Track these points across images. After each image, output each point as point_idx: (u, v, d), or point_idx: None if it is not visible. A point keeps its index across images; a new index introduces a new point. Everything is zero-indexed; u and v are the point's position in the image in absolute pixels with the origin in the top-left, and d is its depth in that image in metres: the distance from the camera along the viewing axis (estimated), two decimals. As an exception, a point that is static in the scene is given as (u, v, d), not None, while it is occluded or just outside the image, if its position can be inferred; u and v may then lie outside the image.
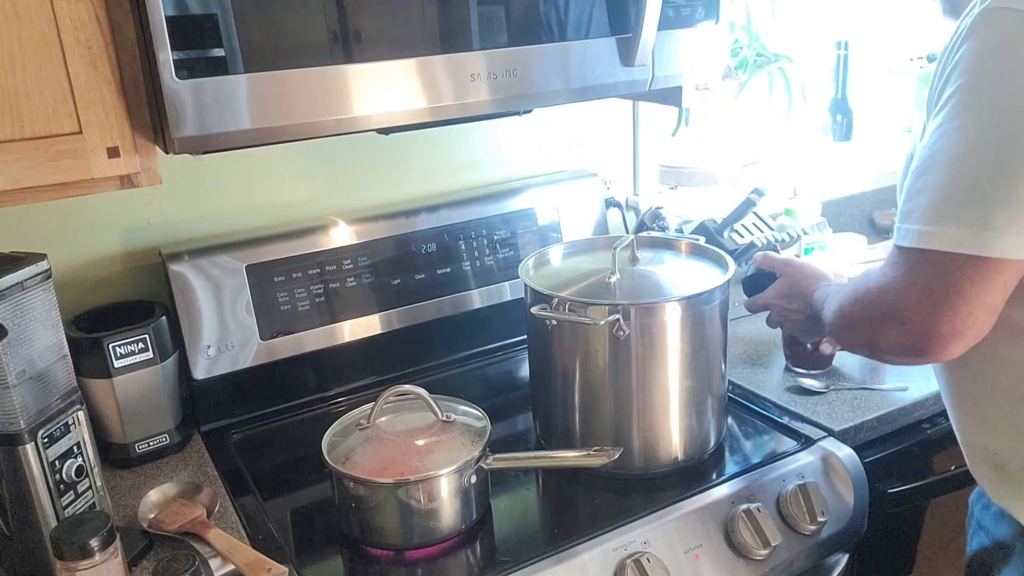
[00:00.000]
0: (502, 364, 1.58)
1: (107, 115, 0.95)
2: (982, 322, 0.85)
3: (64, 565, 0.88)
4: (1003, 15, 0.83)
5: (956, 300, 0.84)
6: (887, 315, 0.90)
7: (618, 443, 1.17)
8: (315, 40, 0.99)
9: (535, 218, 1.59)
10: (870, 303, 0.92)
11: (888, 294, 0.89)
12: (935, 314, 0.85)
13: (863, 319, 0.94)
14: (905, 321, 0.87)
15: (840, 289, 1.06)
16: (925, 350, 0.88)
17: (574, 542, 1.07)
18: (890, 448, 1.32)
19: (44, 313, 0.99)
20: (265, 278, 1.38)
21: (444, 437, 1.11)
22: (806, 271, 1.24)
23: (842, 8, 2.03)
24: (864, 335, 0.96)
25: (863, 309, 0.94)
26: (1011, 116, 0.82)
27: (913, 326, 0.87)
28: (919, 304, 0.86)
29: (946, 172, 0.84)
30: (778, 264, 1.29)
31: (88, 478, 1.05)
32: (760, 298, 1.32)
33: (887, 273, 0.90)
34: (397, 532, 1.08)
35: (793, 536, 1.16)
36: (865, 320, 0.94)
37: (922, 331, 0.86)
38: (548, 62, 1.14)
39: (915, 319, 0.86)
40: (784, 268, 1.28)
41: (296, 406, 1.44)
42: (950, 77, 0.86)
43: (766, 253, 1.34)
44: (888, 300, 0.89)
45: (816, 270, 1.23)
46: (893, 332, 0.89)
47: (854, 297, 0.96)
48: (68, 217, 1.32)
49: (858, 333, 0.97)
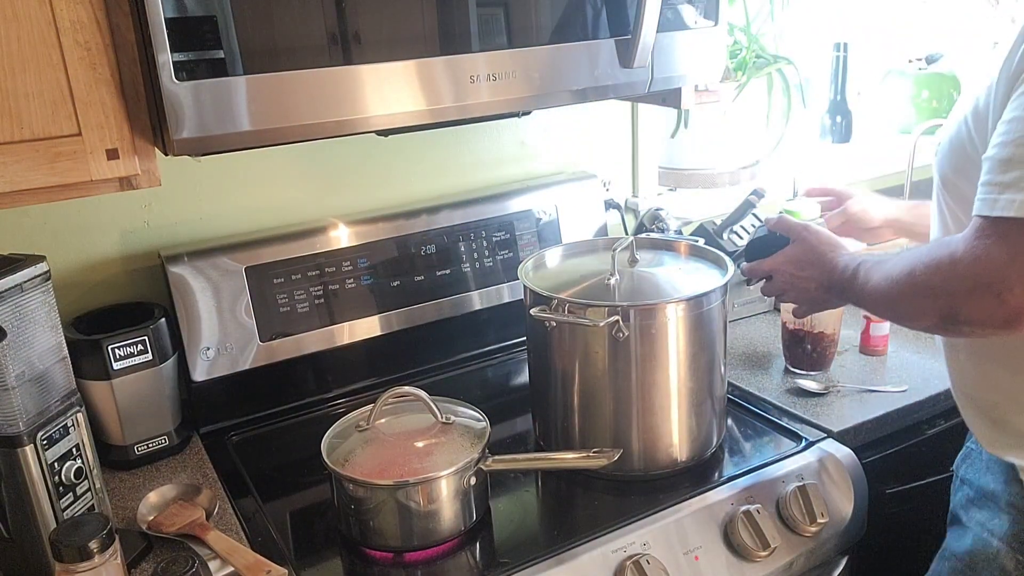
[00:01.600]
0: (501, 366, 1.58)
1: (106, 117, 0.95)
2: None
3: (63, 567, 0.88)
4: None
5: None
6: (980, 287, 0.86)
7: (618, 445, 1.17)
8: (314, 42, 0.99)
9: (534, 220, 1.59)
10: (957, 274, 0.88)
11: (983, 265, 0.86)
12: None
13: (944, 290, 0.90)
14: (1003, 292, 0.84)
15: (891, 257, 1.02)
16: (1020, 322, 0.85)
17: (574, 544, 1.07)
18: (889, 449, 1.32)
19: (43, 315, 0.99)
20: (264, 280, 1.38)
21: (443, 439, 1.11)
22: (823, 237, 1.19)
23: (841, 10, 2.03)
24: (942, 305, 0.91)
25: (946, 280, 0.90)
26: None
27: (1012, 297, 0.84)
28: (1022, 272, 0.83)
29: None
30: (796, 228, 1.22)
31: (87, 480, 1.05)
32: (766, 262, 1.25)
33: (980, 244, 0.86)
34: (396, 534, 1.08)
35: (793, 537, 1.16)
36: (947, 291, 0.90)
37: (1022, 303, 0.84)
38: (547, 64, 1.14)
39: (1016, 291, 0.84)
40: (802, 232, 1.21)
41: (295, 408, 1.44)
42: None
43: (782, 216, 1.26)
44: (983, 271, 0.86)
45: (833, 238, 1.19)
46: (986, 304, 0.86)
47: (932, 266, 0.91)
48: (67, 219, 1.32)
49: (934, 303, 0.92)
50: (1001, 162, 0.86)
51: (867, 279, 1.04)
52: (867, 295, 1.04)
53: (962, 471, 1.17)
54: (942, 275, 0.90)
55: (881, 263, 1.02)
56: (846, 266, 1.10)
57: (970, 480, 1.13)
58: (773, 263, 1.23)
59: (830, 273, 1.13)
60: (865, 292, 1.04)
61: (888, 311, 1.03)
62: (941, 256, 0.90)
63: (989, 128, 0.92)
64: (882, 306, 1.03)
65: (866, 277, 1.04)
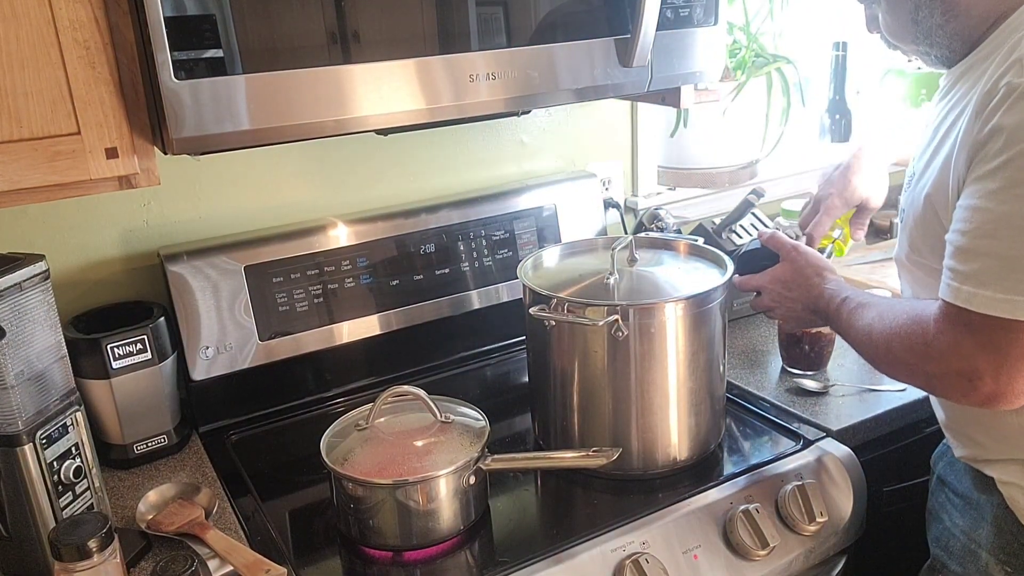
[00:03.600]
0: (501, 365, 1.58)
1: (105, 116, 0.95)
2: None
3: (62, 566, 0.88)
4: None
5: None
6: (955, 374, 0.91)
7: (617, 444, 1.17)
8: (313, 41, 0.99)
9: (534, 219, 1.59)
10: (931, 358, 0.93)
11: (955, 353, 0.91)
12: (1010, 376, 0.88)
13: (920, 369, 0.96)
14: (975, 379, 0.90)
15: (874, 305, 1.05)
16: (993, 404, 0.90)
17: (573, 543, 1.07)
18: (888, 448, 1.32)
19: (42, 314, 0.99)
20: (263, 279, 1.38)
21: (443, 438, 1.11)
22: (811, 260, 1.20)
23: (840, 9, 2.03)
24: (919, 381, 0.99)
25: (922, 361, 0.95)
26: None
27: (984, 385, 0.89)
28: (993, 368, 0.88)
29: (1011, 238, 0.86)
30: (786, 247, 1.22)
31: (86, 479, 1.05)
32: (755, 279, 1.26)
33: (949, 332, 0.91)
34: (395, 533, 1.08)
35: (792, 536, 1.16)
36: (923, 372, 0.96)
37: (993, 390, 0.89)
38: (547, 63, 1.14)
39: (986, 379, 0.89)
40: (792, 253, 1.21)
41: (295, 407, 1.44)
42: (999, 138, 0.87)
43: (775, 233, 1.27)
44: (954, 360, 0.91)
45: (822, 261, 1.20)
46: (960, 387, 0.92)
47: (908, 345, 0.96)
48: (66, 218, 1.32)
49: (911, 377, 0.99)
50: (961, 250, 0.90)
51: (849, 323, 1.08)
52: (849, 338, 1.09)
53: (940, 468, 1.18)
54: (917, 356, 0.95)
55: (864, 308, 1.06)
56: (831, 297, 1.13)
57: (951, 483, 1.15)
58: (762, 280, 1.25)
59: (816, 300, 1.16)
60: (847, 334, 1.09)
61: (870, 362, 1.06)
62: (915, 338, 0.95)
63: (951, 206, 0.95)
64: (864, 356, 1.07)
65: (848, 320, 1.08)
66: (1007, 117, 0.87)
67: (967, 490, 1.11)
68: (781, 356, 1.47)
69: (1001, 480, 1.05)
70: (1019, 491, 1.03)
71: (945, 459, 1.17)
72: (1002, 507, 1.05)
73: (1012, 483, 1.04)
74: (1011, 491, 1.04)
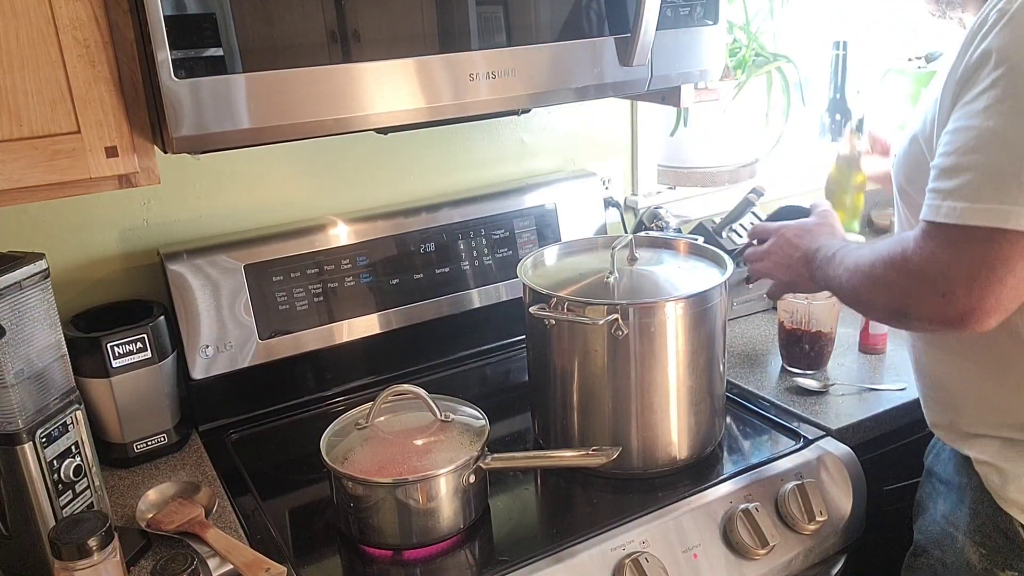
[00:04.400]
0: (501, 364, 1.58)
1: (105, 114, 0.95)
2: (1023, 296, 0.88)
3: (62, 565, 0.88)
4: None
5: (1005, 274, 0.86)
6: (928, 286, 0.91)
7: (617, 443, 1.17)
8: (313, 40, 0.99)
9: (534, 218, 1.59)
10: (909, 272, 0.93)
11: (931, 267, 0.90)
12: (981, 289, 0.87)
13: (897, 285, 0.95)
14: (947, 294, 0.89)
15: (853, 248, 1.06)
16: (963, 322, 0.89)
17: (572, 542, 1.07)
18: (888, 447, 1.32)
19: (42, 313, 0.99)
20: (263, 278, 1.38)
21: (442, 437, 1.11)
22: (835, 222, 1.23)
23: (841, 8, 2.03)
24: (895, 301, 0.97)
25: (900, 276, 0.95)
26: None
27: (956, 299, 0.88)
28: (963, 279, 0.88)
29: (995, 152, 0.86)
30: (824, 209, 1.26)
31: (86, 478, 1.05)
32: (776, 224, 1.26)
33: (927, 246, 0.91)
34: (395, 532, 1.08)
35: (791, 536, 1.16)
36: (899, 287, 0.95)
37: (966, 305, 0.88)
38: (546, 62, 1.14)
39: (958, 293, 0.88)
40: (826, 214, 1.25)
41: (294, 406, 1.44)
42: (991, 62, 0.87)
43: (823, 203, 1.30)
44: (931, 272, 0.90)
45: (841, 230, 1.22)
46: (932, 302, 0.91)
47: (888, 261, 0.96)
48: (66, 217, 1.32)
49: (888, 298, 0.98)
50: (944, 170, 0.90)
51: (840, 263, 1.08)
52: (835, 278, 1.08)
53: (928, 461, 1.19)
54: (896, 270, 0.95)
55: (855, 250, 1.07)
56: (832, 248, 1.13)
57: (936, 472, 1.16)
58: (784, 225, 1.25)
59: (817, 249, 1.15)
60: (835, 275, 1.08)
61: (850, 298, 1.06)
62: (895, 253, 0.95)
63: (935, 139, 0.96)
64: (846, 292, 1.07)
65: (840, 261, 1.08)
66: (997, 40, 0.87)
67: (949, 475, 1.12)
68: (781, 355, 1.47)
69: (977, 460, 1.06)
70: (994, 471, 1.04)
71: (933, 451, 1.18)
72: (979, 489, 1.06)
73: (987, 462, 1.05)
74: (986, 470, 1.05)
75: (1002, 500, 1.03)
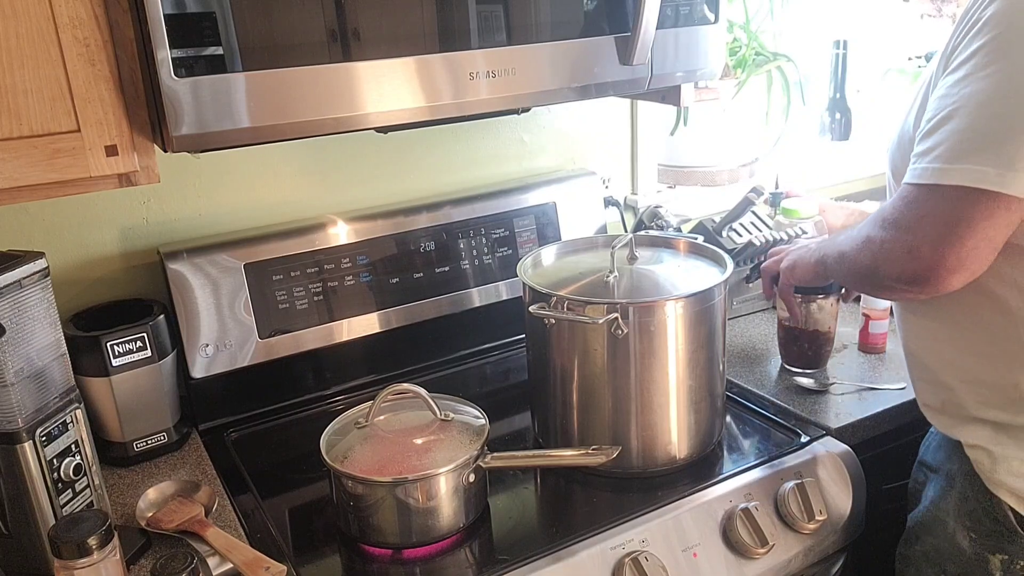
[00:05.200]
0: (500, 363, 1.58)
1: (105, 113, 0.95)
2: (984, 257, 0.91)
3: (62, 564, 0.88)
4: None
5: (966, 232, 0.89)
6: (896, 244, 0.96)
7: (616, 442, 1.17)
8: (313, 38, 0.99)
9: (534, 217, 1.59)
10: (883, 226, 0.98)
11: (899, 225, 0.95)
12: (943, 245, 0.90)
13: (872, 242, 1.00)
14: (912, 250, 0.93)
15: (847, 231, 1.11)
16: (928, 280, 0.93)
17: (572, 541, 1.07)
18: (888, 446, 1.32)
19: (42, 311, 0.99)
20: (263, 277, 1.38)
21: (442, 436, 1.11)
22: None
23: (841, 8, 2.03)
24: (870, 258, 1.01)
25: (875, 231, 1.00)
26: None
27: (920, 255, 0.92)
28: (928, 235, 0.91)
29: (972, 115, 0.89)
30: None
31: (86, 476, 1.05)
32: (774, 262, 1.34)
33: (898, 207, 0.96)
34: (395, 531, 1.08)
35: (791, 535, 1.16)
36: (874, 244, 1.00)
37: (930, 261, 0.92)
38: (546, 61, 1.14)
39: (923, 249, 0.92)
40: None
41: (294, 405, 1.44)
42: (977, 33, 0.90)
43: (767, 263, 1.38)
44: (901, 228, 0.95)
45: None
46: (900, 260, 0.95)
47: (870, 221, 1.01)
48: (66, 215, 1.32)
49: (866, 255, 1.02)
50: (924, 135, 0.94)
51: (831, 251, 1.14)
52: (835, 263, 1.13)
53: (921, 451, 1.20)
54: (876, 227, 1.00)
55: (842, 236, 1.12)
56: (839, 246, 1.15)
57: (925, 461, 1.17)
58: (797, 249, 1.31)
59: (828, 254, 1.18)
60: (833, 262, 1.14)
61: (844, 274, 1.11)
62: (875, 216, 1.01)
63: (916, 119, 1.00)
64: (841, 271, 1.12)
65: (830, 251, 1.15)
66: (989, 9, 0.89)
67: (938, 462, 1.13)
68: (780, 354, 1.47)
69: (968, 444, 1.07)
70: (985, 454, 1.05)
71: (925, 442, 1.19)
72: (969, 474, 1.07)
73: (978, 446, 1.05)
74: (977, 454, 1.06)
75: (991, 483, 1.04)
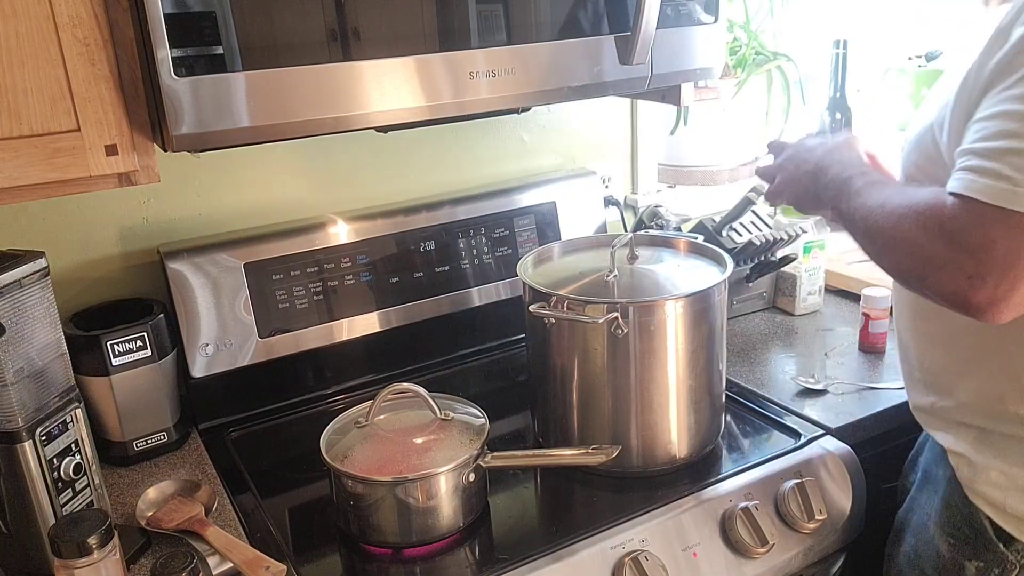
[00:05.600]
0: (500, 362, 1.58)
1: (105, 113, 0.95)
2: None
3: (62, 563, 0.88)
4: None
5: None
6: (953, 265, 0.84)
7: (616, 441, 1.17)
8: (313, 38, 0.99)
9: (534, 216, 1.59)
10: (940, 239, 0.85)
11: (959, 243, 0.83)
12: (1014, 281, 0.81)
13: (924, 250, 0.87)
14: (974, 276, 0.82)
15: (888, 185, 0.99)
16: (982, 311, 0.84)
17: (572, 540, 1.07)
18: (888, 446, 1.32)
19: (42, 311, 0.99)
20: (263, 276, 1.38)
21: (442, 435, 1.11)
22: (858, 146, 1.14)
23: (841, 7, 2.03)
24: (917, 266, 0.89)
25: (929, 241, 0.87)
26: None
27: (983, 286, 0.82)
28: (998, 265, 0.81)
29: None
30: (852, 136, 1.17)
31: (86, 476, 1.05)
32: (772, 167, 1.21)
33: (960, 219, 0.84)
34: (395, 530, 1.08)
35: (791, 534, 1.16)
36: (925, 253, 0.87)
37: (992, 296, 0.82)
38: (546, 60, 1.14)
39: (988, 280, 0.82)
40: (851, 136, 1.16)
41: (294, 404, 1.44)
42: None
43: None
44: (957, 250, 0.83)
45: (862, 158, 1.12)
46: (954, 282, 0.84)
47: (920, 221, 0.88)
48: (66, 215, 1.32)
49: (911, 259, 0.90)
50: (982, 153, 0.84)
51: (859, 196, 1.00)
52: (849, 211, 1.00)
53: (914, 451, 1.21)
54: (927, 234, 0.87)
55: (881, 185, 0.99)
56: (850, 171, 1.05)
57: (917, 462, 1.17)
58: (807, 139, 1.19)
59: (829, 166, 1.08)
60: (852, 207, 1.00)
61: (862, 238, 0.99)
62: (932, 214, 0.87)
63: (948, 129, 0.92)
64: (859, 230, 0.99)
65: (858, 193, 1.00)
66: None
67: (928, 466, 1.13)
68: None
69: (951, 451, 1.06)
70: (965, 462, 1.04)
71: (919, 444, 1.19)
72: (953, 481, 1.07)
73: (960, 454, 1.05)
74: (958, 462, 1.05)
75: (971, 492, 1.04)
